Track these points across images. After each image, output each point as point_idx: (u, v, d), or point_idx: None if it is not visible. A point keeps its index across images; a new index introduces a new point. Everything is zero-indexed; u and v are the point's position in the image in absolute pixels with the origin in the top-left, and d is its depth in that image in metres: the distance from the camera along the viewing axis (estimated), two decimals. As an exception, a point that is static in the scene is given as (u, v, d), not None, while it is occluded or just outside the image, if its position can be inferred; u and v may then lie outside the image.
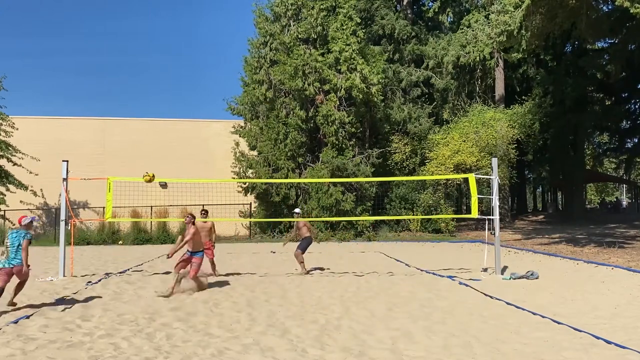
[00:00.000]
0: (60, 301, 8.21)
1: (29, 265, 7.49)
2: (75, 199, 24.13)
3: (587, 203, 52.18)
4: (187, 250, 9.08)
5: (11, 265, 7.30)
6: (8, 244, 7.39)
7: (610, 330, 6.12)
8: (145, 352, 5.40)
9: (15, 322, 6.72)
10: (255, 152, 24.06)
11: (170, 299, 8.52)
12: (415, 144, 25.92)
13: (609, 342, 5.56)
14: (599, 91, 32.27)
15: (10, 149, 21.59)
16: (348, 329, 6.37)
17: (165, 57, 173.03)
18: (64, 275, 10.98)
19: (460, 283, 9.81)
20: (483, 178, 17.61)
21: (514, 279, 10.29)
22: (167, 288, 8.73)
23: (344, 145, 22.55)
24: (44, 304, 7.95)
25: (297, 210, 12.48)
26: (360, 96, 21.97)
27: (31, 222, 7.73)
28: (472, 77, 29.77)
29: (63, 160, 11.51)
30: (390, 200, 24.05)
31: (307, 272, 11.44)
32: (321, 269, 12.32)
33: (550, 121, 28.77)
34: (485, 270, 11.39)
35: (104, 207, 16.29)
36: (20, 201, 23.26)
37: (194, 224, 9.14)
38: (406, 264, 13.04)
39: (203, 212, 11.39)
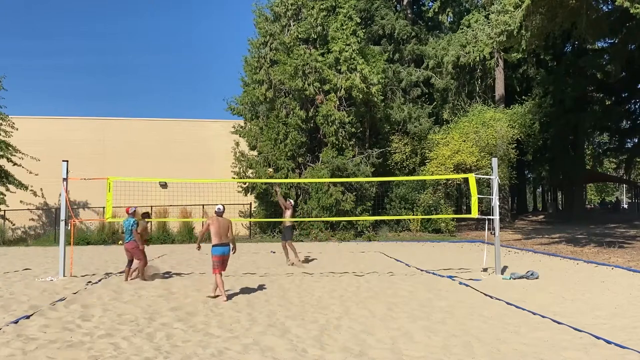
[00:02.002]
0: (60, 301, 8.21)
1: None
2: (75, 199, 24.12)
3: (587, 203, 52.20)
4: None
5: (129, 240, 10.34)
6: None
7: (610, 330, 6.12)
8: (145, 352, 5.40)
9: (15, 322, 6.72)
10: (255, 152, 24.04)
11: (170, 299, 8.53)
12: (415, 144, 25.91)
13: (609, 342, 5.56)
14: (599, 91, 32.27)
15: (10, 149, 21.58)
16: (348, 329, 6.37)
17: (164, 57, 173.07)
18: (64, 275, 10.98)
19: (460, 283, 9.81)
20: (483, 178, 17.60)
21: (514, 279, 10.29)
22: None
23: (344, 145, 22.54)
24: (44, 304, 7.95)
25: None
26: (360, 96, 21.96)
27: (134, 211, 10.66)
28: (472, 77, 29.76)
29: (63, 160, 11.51)
30: (390, 200, 24.05)
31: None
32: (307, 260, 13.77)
33: (550, 121, 28.77)
34: (485, 270, 11.39)
35: (104, 207, 16.27)
36: (20, 201, 23.26)
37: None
38: (406, 264, 13.04)
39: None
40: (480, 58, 27.01)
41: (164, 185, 24.24)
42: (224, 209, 8.73)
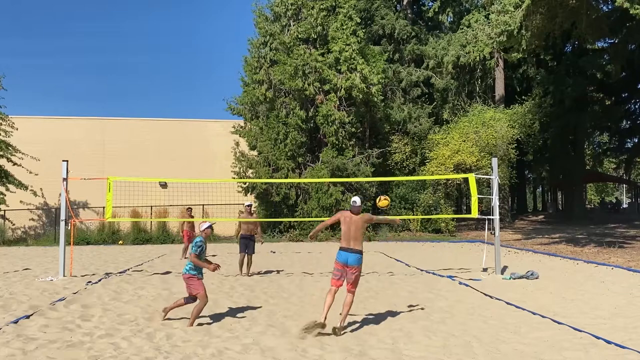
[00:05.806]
0: (60, 301, 8.20)
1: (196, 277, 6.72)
2: (75, 199, 24.11)
3: (587, 203, 52.16)
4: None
5: (184, 272, 6.74)
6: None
7: (610, 330, 6.11)
8: (145, 352, 5.40)
9: (15, 322, 6.72)
10: (255, 152, 24.04)
11: (170, 299, 8.51)
12: (415, 144, 25.91)
13: (609, 342, 5.56)
14: (599, 91, 32.25)
15: (10, 148, 21.58)
16: (348, 329, 6.36)
17: (165, 57, 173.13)
18: (64, 275, 10.98)
19: (460, 283, 9.81)
20: (483, 178, 17.60)
21: (514, 279, 10.29)
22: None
23: (344, 145, 22.54)
24: (44, 304, 7.95)
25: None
26: (360, 96, 21.96)
27: (209, 227, 7.05)
28: (472, 77, 29.76)
29: (63, 160, 11.51)
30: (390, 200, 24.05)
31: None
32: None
33: (550, 121, 28.75)
34: (485, 270, 11.39)
35: (104, 207, 16.29)
36: (20, 201, 23.26)
37: None
38: (406, 264, 13.04)
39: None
40: (480, 58, 27.02)
41: (164, 185, 24.24)
42: (360, 202, 6.60)
